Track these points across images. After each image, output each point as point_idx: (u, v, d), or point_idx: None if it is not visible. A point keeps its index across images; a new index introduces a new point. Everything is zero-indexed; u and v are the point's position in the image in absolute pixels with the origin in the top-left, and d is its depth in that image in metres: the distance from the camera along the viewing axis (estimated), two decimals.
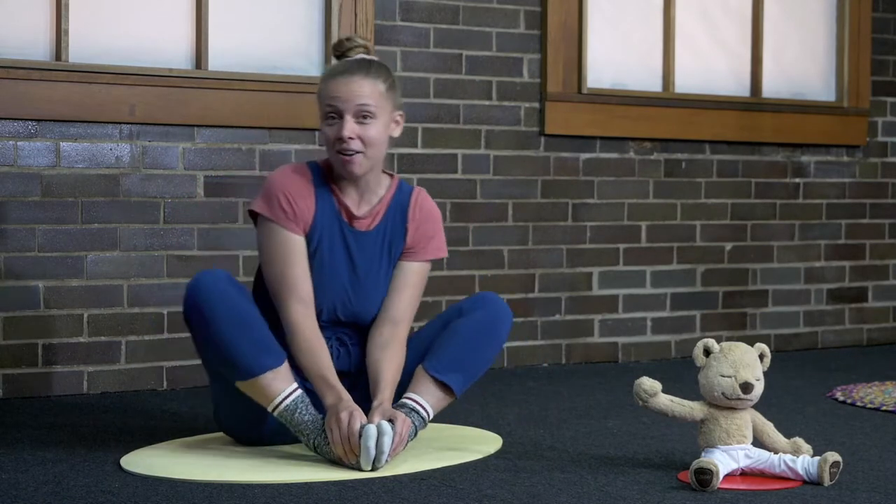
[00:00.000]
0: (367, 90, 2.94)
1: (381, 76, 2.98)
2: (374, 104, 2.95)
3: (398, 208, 3.09)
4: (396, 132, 3.05)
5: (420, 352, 3.04)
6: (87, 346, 3.92)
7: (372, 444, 2.75)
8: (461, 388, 3.00)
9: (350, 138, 2.93)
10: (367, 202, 3.06)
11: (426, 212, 3.11)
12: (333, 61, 3.08)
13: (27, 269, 3.84)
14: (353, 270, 3.04)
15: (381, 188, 3.08)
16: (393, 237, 3.07)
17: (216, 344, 2.86)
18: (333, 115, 2.95)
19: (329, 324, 3.05)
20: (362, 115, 2.94)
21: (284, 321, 2.95)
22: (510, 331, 3.12)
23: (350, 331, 3.09)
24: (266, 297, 3.03)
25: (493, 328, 3.07)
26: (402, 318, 3.05)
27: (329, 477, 2.74)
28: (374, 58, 3.05)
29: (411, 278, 3.09)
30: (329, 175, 3.05)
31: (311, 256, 3.01)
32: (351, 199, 3.05)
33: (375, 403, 2.88)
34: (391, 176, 3.12)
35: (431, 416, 2.97)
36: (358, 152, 2.95)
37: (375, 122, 2.96)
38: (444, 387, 2.98)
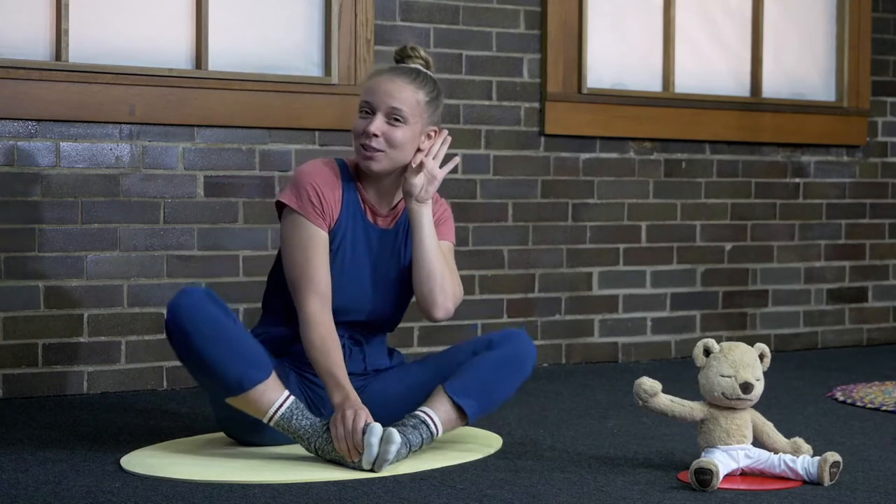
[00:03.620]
0: (404, 95, 2.97)
1: (425, 87, 3.01)
2: (408, 110, 2.97)
3: None
4: (425, 145, 3.03)
5: (441, 374, 3.04)
6: (87, 346, 3.92)
7: (375, 440, 2.75)
8: (475, 415, 3.01)
9: (374, 135, 2.95)
10: (387, 201, 3.08)
11: (436, 203, 3.12)
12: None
13: (27, 269, 3.84)
14: (374, 268, 3.06)
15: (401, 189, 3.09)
16: (408, 232, 3.08)
17: (202, 363, 2.86)
18: (367, 110, 2.98)
19: (346, 323, 3.05)
20: (393, 118, 2.96)
21: (301, 314, 2.95)
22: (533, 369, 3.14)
23: (365, 331, 3.10)
24: (279, 292, 3.04)
25: (518, 364, 3.08)
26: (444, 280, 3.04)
27: (329, 477, 2.74)
28: (429, 72, 3.06)
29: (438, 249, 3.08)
30: (355, 172, 3.07)
31: (335, 253, 3.01)
32: (374, 196, 3.06)
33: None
34: None
35: (440, 434, 2.97)
36: (379, 150, 2.96)
37: (405, 127, 2.97)
38: (459, 410, 2.98)
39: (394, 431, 2.77)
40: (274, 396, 2.87)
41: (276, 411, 2.87)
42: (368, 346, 3.11)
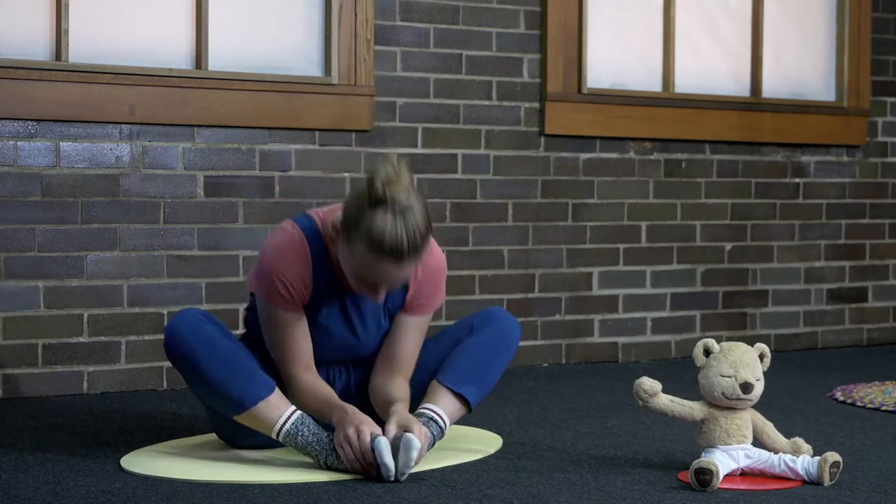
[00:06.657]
0: (409, 273, 2.81)
1: (425, 250, 2.78)
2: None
3: None
4: None
5: (431, 367, 3.03)
6: (87, 346, 3.92)
7: (388, 458, 2.69)
8: (476, 400, 3.00)
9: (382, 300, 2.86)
10: None
11: (430, 271, 2.99)
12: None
13: (27, 269, 3.84)
14: (353, 334, 3.01)
15: None
16: (392, 297, 3.00)
17: (204, 383, 2.85)
18: (370, 284, 2.81)
19: (331, 361, 3.06)
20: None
21: (289, 384, 2.93)
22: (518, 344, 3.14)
23: (352, 362, 3.10)
24: (259, 341, 3.01)
25: (505, 343, 3.08)
26: (403, 368, 3.02)
27: (329, 477, 2.74)
28: (420, 209, 2.77)
29: (411, 330, 3.03)
30: (329, 242, 2.91)
31: (313, 318, 2.96)
32: None
33: (391, 410, 2.85)
34: None
35: (448, 427, 2.96)
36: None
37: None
38: (461, 398, 2.97)
39: (412, 437, 2.70)
40: (278, 413, 2.84)
41: (283, 426, 2.84)
42: (355, 370, 3.10)
